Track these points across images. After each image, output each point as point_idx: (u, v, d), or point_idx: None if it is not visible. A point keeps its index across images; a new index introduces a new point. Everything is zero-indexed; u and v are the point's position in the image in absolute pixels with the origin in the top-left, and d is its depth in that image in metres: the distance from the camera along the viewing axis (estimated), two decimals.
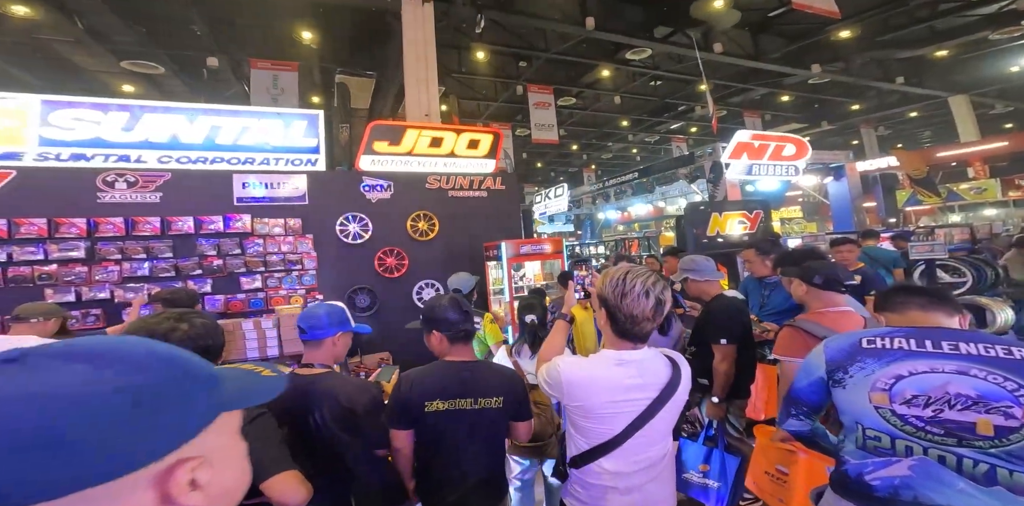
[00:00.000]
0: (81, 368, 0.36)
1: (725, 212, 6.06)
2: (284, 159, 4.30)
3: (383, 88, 7.69)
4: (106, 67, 7.22)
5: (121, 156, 3.73)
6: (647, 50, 8.08)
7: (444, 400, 1.39)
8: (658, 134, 14.44)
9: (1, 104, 3.48)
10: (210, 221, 3.87)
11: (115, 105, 3.82)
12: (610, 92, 10.54)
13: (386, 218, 4.60)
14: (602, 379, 1.11)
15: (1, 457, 0.31)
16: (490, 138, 5.23)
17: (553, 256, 4.76)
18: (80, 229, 3.48)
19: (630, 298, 1.10)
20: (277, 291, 4.04)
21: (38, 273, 3.35)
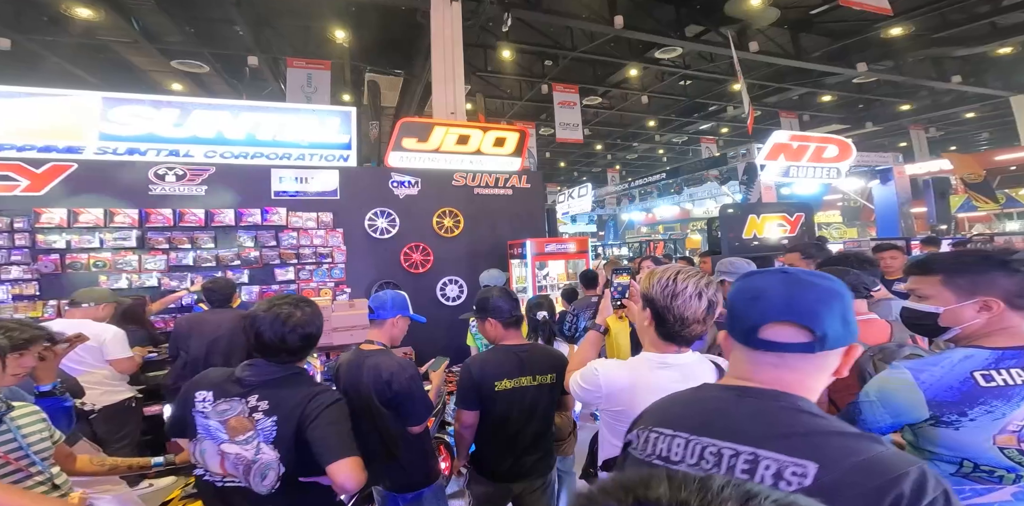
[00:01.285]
0: None
1: (764, 214, 5.84)
2: (318, 155, 4.46)
3: (410, 86, 7.85)
4: (158, 66, 7.66)
5: (171, 151, 3.97)
6: (677, 49, 7.93)
7: (511, 379, 1.65)
8: (686, 135, 14.12)
9: (66, 101, 3.76)
10: (249, 214, 4.05)
11: (167, 102, 4.08)
12: (637, 92, 10.38)
13: (413, 214, 4.69)
14: (644, 383, 1.09)
15: None
16: (516, 136, 5.27)
17: (577, 256, 4.76)
18: (132, 219, 3.71)
19: (681, 299, 1.07)
20: (308, 283, 4.20)
21: (93, 260, 3.59)
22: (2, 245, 3.41)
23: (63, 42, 6.54)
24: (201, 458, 1.22)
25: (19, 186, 3.48)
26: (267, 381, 1.24)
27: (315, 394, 1.23)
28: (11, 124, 3.58)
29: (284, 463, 1.18)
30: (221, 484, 1.21)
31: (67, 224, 3.54)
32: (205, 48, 7.08)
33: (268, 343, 1.23)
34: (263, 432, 1.19)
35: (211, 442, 1.21)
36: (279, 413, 1.20)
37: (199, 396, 1.25)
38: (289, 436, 1.18)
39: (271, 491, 1.17)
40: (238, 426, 1.19)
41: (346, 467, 1.13)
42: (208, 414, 1.22)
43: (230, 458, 1.19)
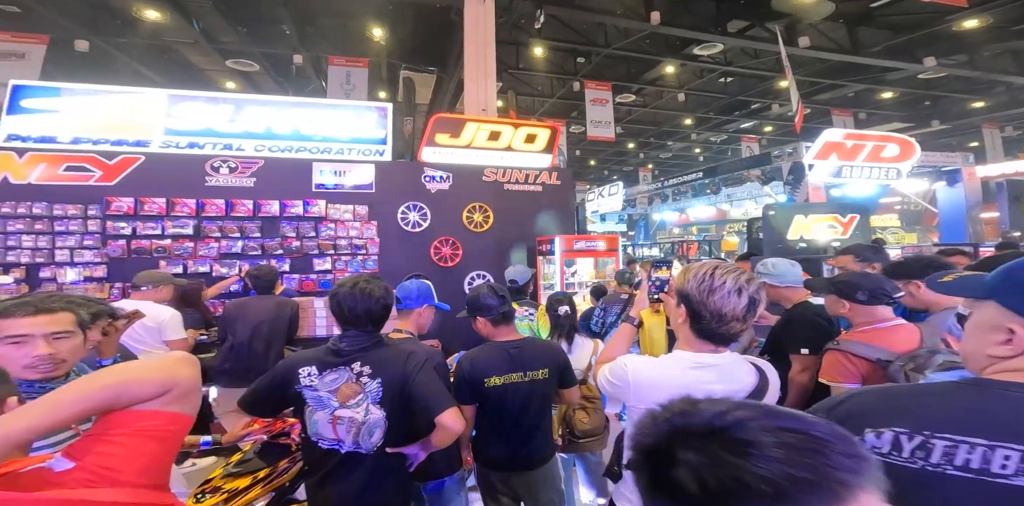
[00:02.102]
0: None
1: (812, 214, 5.55)
2: (356, 149, 4.64)
3: (443, 83, 7.98)
4: (214, 66, 8.17)
5: (225, 144, 4.26)
6: (718, 45, 7.65)
7: (500, 376, 1.63)
8: (726, 133, 13.60)
9: (136, 98, 4.11)
10: (292, 205, 4.26)
11: (223, 98, 4.38)
12: (674, 89, 10.10)
13: (444, 208, 4.79)
14: (676, 381, 1.06)
15: None
16: (547, 133, 5.27)
17: (607, 254, 4.73)
18: (191, 209, 4.00)
19: (718, 295, 1.02)
20: (343, 273, 4.37)
21: (155, 246, 3.90)
22: (77, 230, 3.76)
23: (133, 43, 7.08)
24: (313, 427, 1.36)
25: (93, 176, 3.83)
26: (363, 348, 1.38)
27: (409, 354, 1.41)
28: (88, 119, 3.94)
29: (388, 420, 1.35)
30: (329, 446, 1.35)
31: (133, 212, 3.87)
32: (256, 47, 7.47)
33: (359, 315, 1.38)
34: (371, 394, 1.34)
35: (323, 411, 1.34)
36: (383, 375, 1.36)
37: (303, 372, 1.36)
38: (395, 395, 1.35)
39: (372, 450, 1.34)
40: (348, 392, 1.34)
41: (453, 414, 1.32)
42: (316, 386, 1.34)
43: (343, 422, 1.33)
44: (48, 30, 6.11)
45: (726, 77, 9.84)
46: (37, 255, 3.66)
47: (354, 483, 1.35)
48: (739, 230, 15.78)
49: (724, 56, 8.54)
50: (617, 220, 16.07)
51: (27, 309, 1.09)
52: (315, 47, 7.53)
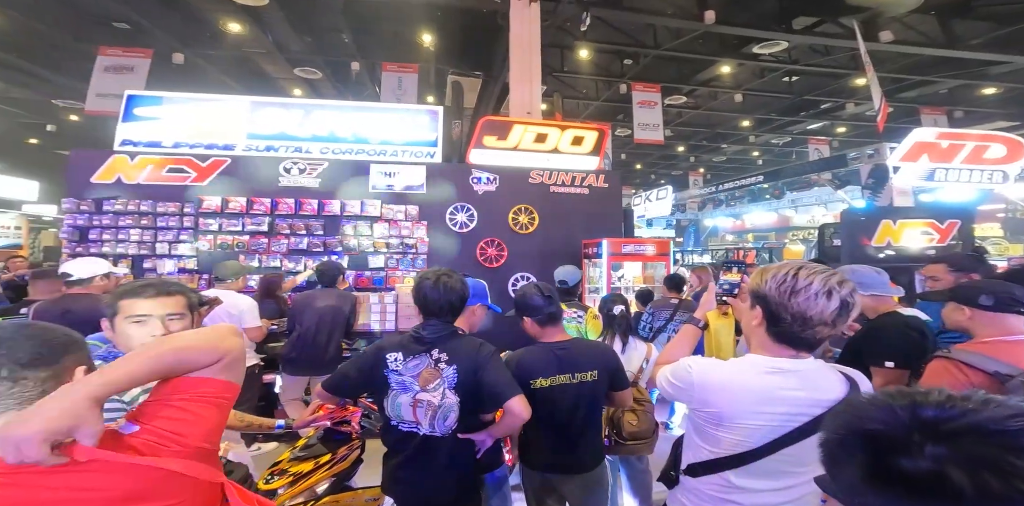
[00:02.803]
0: None
1: (903, 220, 5.06)
2: (409, 151, 4.87)
3: (488, 87, 8.12)
4: (284, 74, 8.86)
5: (296, 147, 4.63)
6: (781, 43, 7.20)
7: (546, 378, 1.62)
8: (790, 135, 12.73)
9: (223, 105, 4.58)
10: (351, 204, 4.55)
11: (293, 104, 4.80)
12: (730, 90, 9.60)
13: (490, 210, 4.90)
14: (749, 387, 1.00)
15: None
16: (595, 135, 5.24)
17: (657, 258, 4.64)
18: (266, 207, 4.38)
19: (803, 297, 0.96)
20: (395, 271, 4.59)
21: (236, 241, 4.32)
22: (174, 226, 4.25)
23: (218, 55, 7.85)
24: (396, 409, 1.47)
25: (189, 177, 4.32)
26: (441, 337, 1.50)
27: (480, 345, 1.52)
28: (185, 125, 4.46)
29: (461, 406, 1.45)
30: (407, 429, 1.47)
31: (220, 210, 4.30)
32: (319, 56, 8.01)
33: (442, 306, 1.51)
34: (447, 379, 1.45)
35: (406, 394, 1.46)
36: (458, 362, 1.46)
37: (391, 357, 1.48)
38: (468, 381, 1.45)
39: (447, 433, 1.44)
40: (428, 377, 1.45)
41: (520, 401, 1.41)
42: (401, 371, 1.47)
43: (422, 405, 1.44)
44: (151, 44, 6.92)
45: (791, 76, 9.23)
46: (142, 247, 4.18)
47: (430, 465, 1.45)
48: (804, 237, 14.73)
49: (788, 54, 8.02)
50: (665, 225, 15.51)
51: (149, 291, 1.20)
52: (370, 54, 7.94)
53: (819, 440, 0.47)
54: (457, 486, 1.50)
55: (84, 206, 4.09)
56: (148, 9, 6.38)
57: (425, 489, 1.47)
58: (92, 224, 4.10)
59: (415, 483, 1.47)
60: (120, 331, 1.18)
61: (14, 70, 8.06)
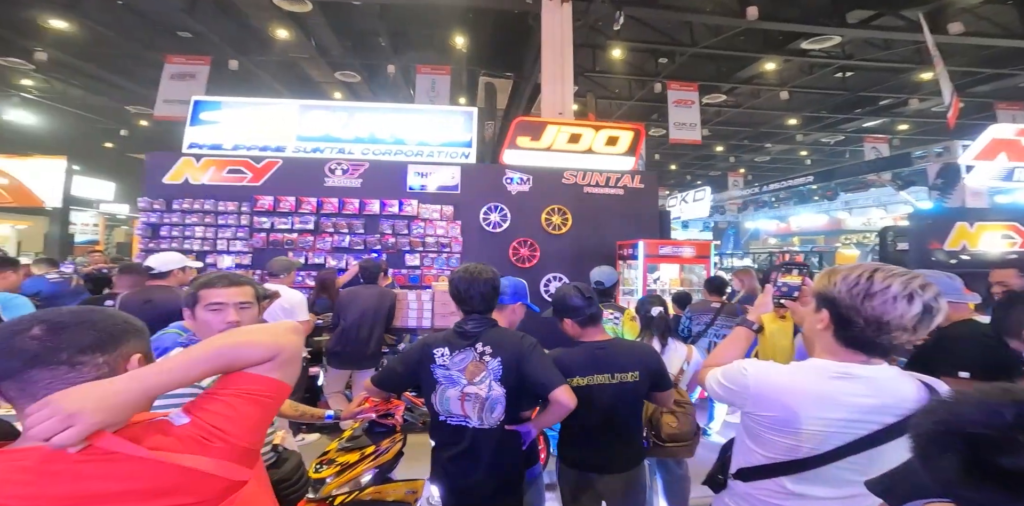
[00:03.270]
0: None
1: (981, 222, 4.69)
2: (444, 152, 4.98)
3: (519, 88, 8.15)
4: (325, 77, 9.28)
5: (339, 149, 4.85)
6: (833, 38, 6.81)
7: (582, 377, 1.61)
8: (843, 133, 11.99)
9: (276, 109, 4.86)
10: (389, 204, 4.70)
11: (338, 107, 5.05)
12: (774, 87, 9.17)
13: (523, 210, 4.92)
14: (812, 391, 0.96)
15: None
16: (630, 135, 5.16)
17: (696, 260, 4.53)
18: (312, 206, 4.61)
19: (879, 300, 0.91)
20: (430, 270, 4.70)
21: (285, 239, 4.57)
22: (232, 224, 4.54)
23: (268, 61, 8.32)
24: (444, 404, 1.52)
25: (246, 178, 4.61)
26: (484, 331, 1.55)
27: (522, 337, 1.57)
28: (241, 128, 4.77)
29: (508, 397, 1.50)
30: (456, 423, 1.52)
31: (272, 209, 4.56)
32: (357, 59, 8.32)
33: (473, 295, 1.56)
34: (492, 371, 1.50)
35: (454, 388, 1.51)
36: (502, 354, 1.51)
37: (437, 352, 1.53)
38: (512, 372, 1.49)
39: (495, 425, 1.50)
40: (475, 370, 1.50)
41: (566, 391, 1.45)
42: (448, 365, 1.52)
43: (470, 399, 1.49)
44: (209, 52, 7.44)
45: (844, 72, 8.72)
46: (205, 244, 4.50)
47: (480, 457, 1.50)
48: (859, 241, 13.87)
49: (842, 49, 7.58)
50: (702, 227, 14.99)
51: (224, 281, 1.34)
52: (405, 57, 8.18)
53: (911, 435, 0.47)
54: (504, 478, 1.54)
55: (156, 205, 4.46)
56: (207, 18, 6.84)
57: (474, 481, 1.52)
58: (163, 222, 4.46)
59: (465, 475, 1.52)
60: (199, 318, 1.31)
61: (93, 79, 8.90)
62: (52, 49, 7.22)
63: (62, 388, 0.64)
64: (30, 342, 0.66)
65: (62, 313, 0.70)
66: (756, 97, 10.07)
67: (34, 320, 0.68)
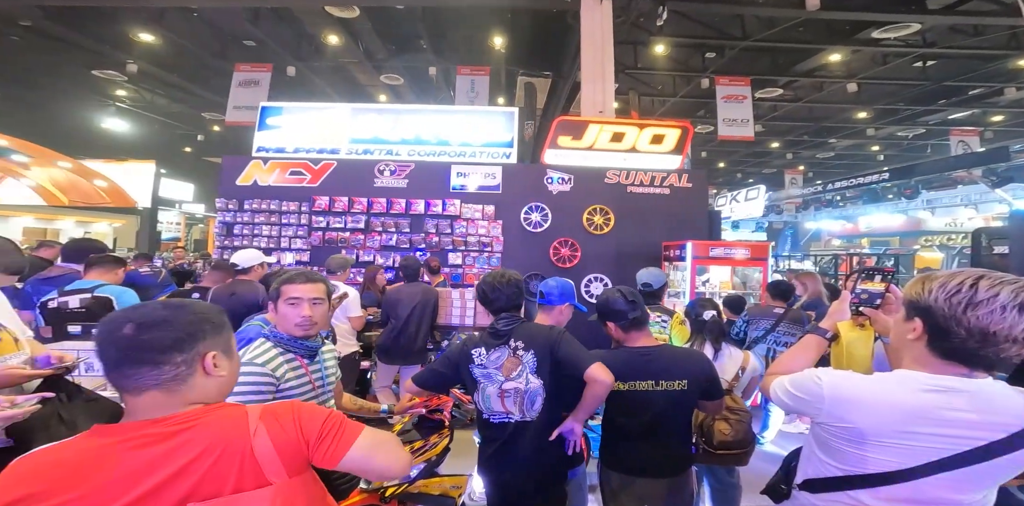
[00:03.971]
0: None
1: None
2: (486, 152, 5.05)
3: (557, 87, 8.08)
4: (371, 81, 9.68)
5: (388, 150, 5.05)
6: (912, 25, 6.23)
7: (624, 382, 1.58)
8: (923, 126, 10.86)
9: (331, 112, 5.14)
10: (433, 204, 4.83)
11: (386, 109, 5.28)
12: (841, 79, 8.51)
13: (564, 210, 4.89)
14: (899, 404, 0.91)
15: None
16: (676, 133, 4.99)
17: (750, 263, 4.31)
18: (363, 206, 4.83)
19: (984, 310, 0.84)
20: (471, 268, 4.79)
21: (339, 238, 4.82)
22: (293, 223, 4.85)
23: (320, 66, 8.80)
24: (486, 402, 1.59)
25: (305, 179, 4.92)
26: (515, 328, 1.61)
27: (550, 328, 1.64)
28: (302, 132, 5.08)
29: (546, 389, 1.55)
30: (499, 420, 1.58)
31: (328, 208, 4.83)
32: (401, 62, 8.61)
33: (498, 298, 1.64)
34: (528, 365, 1.57)
35: (493, 386, 1.57)
36: (534, 347, 1.57)
37: (475, 352, 1.61)
38: (546, 362, 1.55)
39: (536, 416, 1.55)
40: (511, 365, 1.57)
41: (600, 368, 1.47)
42: (485, 364, 1.59)
43: (509, 394, 1.56)
44: (270, 59, 7.99)
45: (924, 61, 7.93)
46: (270, 242, 4.84)
47: (525, 450, 1.55)
48: (942, 243, 12.58)
49: (922, 37, 6.92)
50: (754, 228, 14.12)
51: (301, 278, 1.42)
52: (446, 58, 8.35)
53: None
54: (546, 474, 1.58)
55: (231, 205, 4.86)
56: (268, 27, 7.37)
57: (516, 475, 1.56)
58: (236, 221, 4.86)
59: (508, 469, 1.57)
60: (280, 311, 1.41)
61: (174, 88, 9.85)
62: (141, 61, 8.07)
63: (148, 384, 0.74)
64: (122, 340, 0.75)
65: (149, 312, 0.78)
66: (818, 90, 9.40)
67: (126, 319, 0.76)
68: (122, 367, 0.74)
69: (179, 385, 0.77)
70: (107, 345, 0.75)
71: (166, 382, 0.75)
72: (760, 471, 2.04)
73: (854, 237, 15.06)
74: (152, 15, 7.10)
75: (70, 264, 2.73)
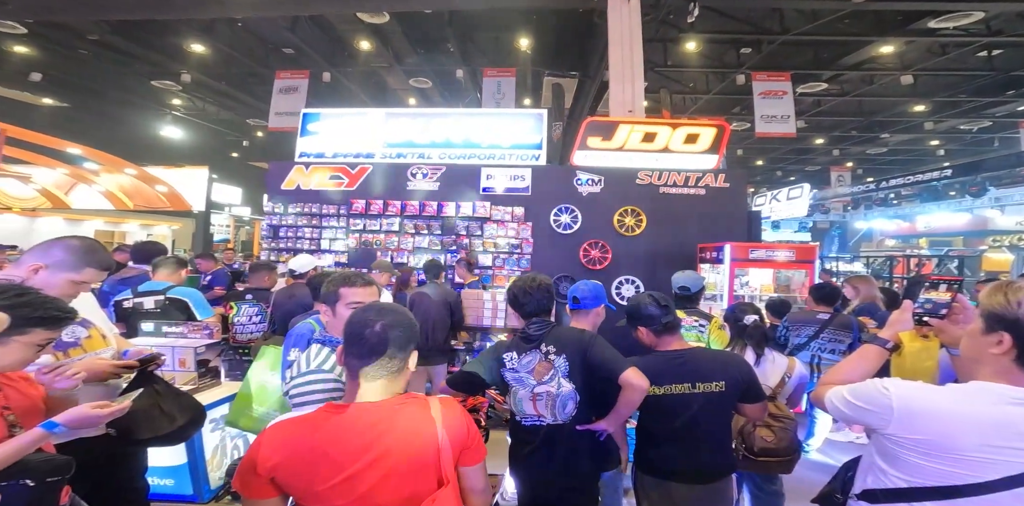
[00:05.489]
0: None
1: None
2: (516, 154, 5.06)
3: (584, 87, 7.95)
4: (401, 85, 9.90)
5: (420, 154, 5.16)
6: (974, 14, 5.80)
7: (659, 386, 1.55)
8: (989, 118, 10.02)
9: (366, 118, 5.29)
10: (464, 206, 4.89)
11: (417, 113, 5.38)
12: (894, 72, 8.00)
13: (594, 211, 4.83)
14: (981, 417, 0.88)
15: None
16: (712, 132, 4.82)
17: (794, 265, 4.14)
18: (397, 209, 4.96)
19: None
20: (501, 270, 4.80)
21: (375, 239, 4.97)
22: (334, 225, 5.04)
23: (354, 72, 9.08)
24: (517, 405, 1.59)
25: (343, 183, 5.10)
26: (546, 332, 1.61)
27: (581, 332, 1.64)
28: (340, 137, 5.26)
29: (579, 392, 1.55)
30: (531, 423, 1.58)
31: (364, 211, 4.98)
32: (429, 66, 8.76)
33: (529, 301, 1.65)
34: (560, 369, 1.56)
35: (525, 390, 1.57)
36: (566, 351, 1.57)
37: (507, 357, 1.61)
38: (578, 366, 1.55)
39: (568, 420, 1.55)
40: (542, 370, 1.57)
41: (634, 372, 1.47)
42: (517, 368, 1.59)
43: (541, 398, 1.55)
44: (308, 66, 8.33)
45: (990, 50, 7.37)
46: (311, 244, 5.05)
47: (557, 453, 1.55)
48: (1013, 243, 11.58)
49: (986, 25, 6.43)
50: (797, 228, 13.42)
51: (361, 281, 1.44)
52: (472, 61, 8.43)
53: None
54: (578, 476, 1.57)
55: (276, 208, 5.11)
56: (305, 34, 7.67)
57: (549, 476, 1.56)
58: (281, 223, 5.10)
59: (541, 471, 1.57)
60: (339, 314, 1.41)
61: (223, 95, 10.47)
62: (194, 71, 8.63)
63: (381, 374, 0.93)
64: (373, 336, 0.92)
65: (389, 313, 0.96)
66: (868, 83, 8.86)
67: (376, 317, 0.94)
68: (371, 357, 0.92)
69: (398, 376, 0.96)
70: (361, 342, 0.92)
71: (392, 373, 0.94)
72: (805, 479, 1.96)
73: (911, 237, 14.02)
74: (202, 27, 7.59)
75: (140, 266, 2.99)
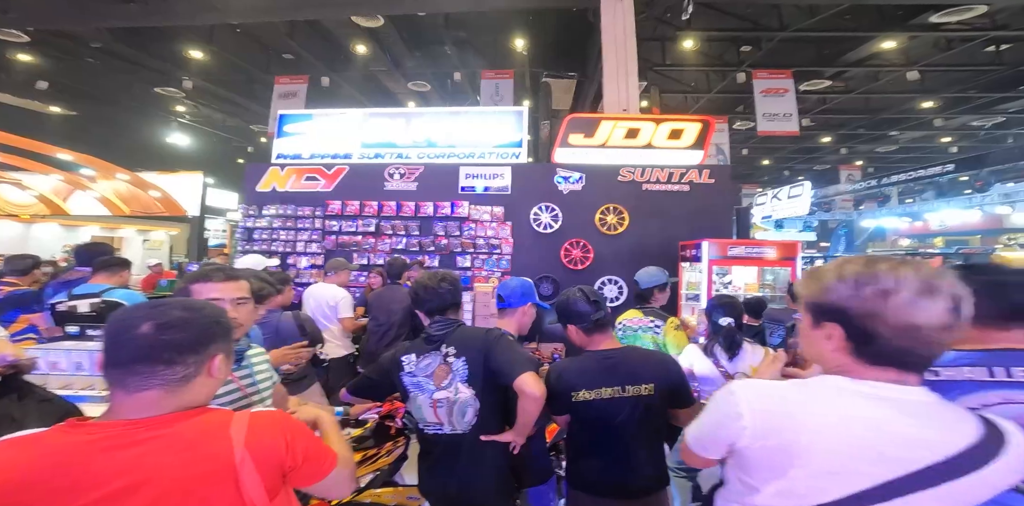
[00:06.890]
0: None
1: None
2: (495, 153, 4.98)
3: (583, 87, 7.89)
4: (400, 88, 9.94)
5: (398, 154, 5.12)
6: (977, 7, 5.61)
7: (589, 390, 1.43)
8: (1001, 114, 9.70)
9: (344, 118, 5.27)
10: (442, 206, 4.81)
11: (396, 113, 5.35)
12: (899, 68, 7.76)
13: (575, 210, 4.72)
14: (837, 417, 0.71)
15: None
16: (696, 127, 4.70)
17: (778, 263, 3.98)
18: (374, 210, 4.89)
19: (900, 299, 0.69)
20: (480, 271, 4.70)
21: (351, 241, 4.90)
22: (308, 227, 4.98)
23: (352, 76, 9.15)
24: (418, 412, 1.49)
25: (319, 184, 5.07)
26: (449, 332, 1.51)
27: (487, 331, 1.52)
28: (317, 138, 5.26)
29: (479, 399, 1.44)
30: (432, 432, 1.48)
31: (340, 213, 4.93)
32: (427, 69, 8.78)
33: (432, 298, 1.55)
34: (458, 373, 1.45)
35: (424, 395, 1.47)
36: (466, 354, 1.46)
37: (405, 360, 1.51)
38: (479, 371, 1.43)
39: (469, 429, 1.44)
40: (441, 374, 1.47)
41: (530, 378, 1.35)
42: (415, 372, 1.49)
43: (442, 404, 1.45)
44: (307, 71, 8.41)
45: (998, 44, 7.18)
46: (286, 246, 5.00)
47: (456, 465, 1.44)
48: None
49: (991, 19, 6.24)
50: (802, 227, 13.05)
51: (220, 275, 1.27)
52: (470, 63, 8.42)
53: None
54: (487, 490, 1.46)
55: (251, 211, 5.10)
56: (303, 39, 7.77)
57: (451, 491, 1.45)
58: (256, 226, 5.07)
59: (446, 484, 1.46)
60: None
61: (227, 102, 10.65)
62: (196, 77, 8.79)
63: (154, 383, 0.74)
64: (140, 339, 0.74)
65: (167, 311, 0.78)
66: (874, 80, 8.62)
67: (145, 317, 0.76)
68: (134, 364, 0.74)
69: (182, 386, 0.76)
70: (120, 343, 0.75)
71: (172, 382, 0.75)
72: None
73: (926, 236, 13.55)
74: (203, 33, 7.72)
75: (84, 268, 2.84)
